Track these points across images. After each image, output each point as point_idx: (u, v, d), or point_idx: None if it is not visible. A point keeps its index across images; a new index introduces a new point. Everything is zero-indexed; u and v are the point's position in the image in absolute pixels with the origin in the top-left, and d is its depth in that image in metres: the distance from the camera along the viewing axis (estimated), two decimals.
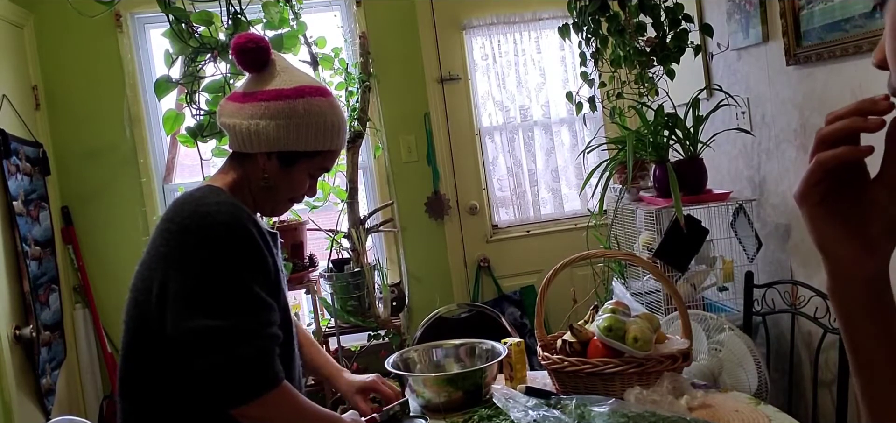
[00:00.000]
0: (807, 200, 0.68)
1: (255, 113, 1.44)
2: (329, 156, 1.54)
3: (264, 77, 1.48)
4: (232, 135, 1.48)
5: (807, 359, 2.61)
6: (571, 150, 3.81)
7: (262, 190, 1.51)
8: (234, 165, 1.52)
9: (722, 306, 2.74)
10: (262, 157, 1.47)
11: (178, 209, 1.42)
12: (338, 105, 1.52)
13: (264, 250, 1.42)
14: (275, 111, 1.44)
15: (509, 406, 1.66)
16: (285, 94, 1.44)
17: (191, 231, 1.37)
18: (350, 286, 3.17)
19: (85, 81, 3.40)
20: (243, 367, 1.36)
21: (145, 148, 3.46)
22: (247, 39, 1.47)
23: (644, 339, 1.71)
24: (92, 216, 3.40)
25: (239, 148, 1.49)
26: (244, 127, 1.45)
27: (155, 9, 2.52)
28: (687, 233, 2.49)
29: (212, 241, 1.36)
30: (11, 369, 2.73)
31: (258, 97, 1.45)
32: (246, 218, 1.41)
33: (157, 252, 1.41)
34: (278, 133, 1.44)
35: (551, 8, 3.67)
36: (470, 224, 3.76)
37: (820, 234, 0.69)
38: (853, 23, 2.17)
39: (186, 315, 1.35)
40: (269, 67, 1.49)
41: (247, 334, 1.36)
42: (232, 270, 1.37)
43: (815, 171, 0.67)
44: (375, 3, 3.61)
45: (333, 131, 1.49)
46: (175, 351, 1.37)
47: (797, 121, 2.52)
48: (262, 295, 1.40)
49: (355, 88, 3.31)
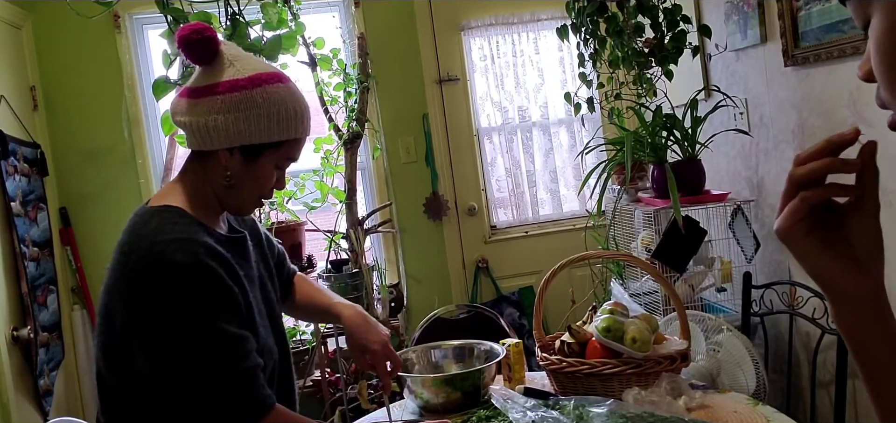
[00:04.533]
0: (793, 236, 0.71)
1: (211, 108, 1.35)
2: (294, 145, 1.43)
3: (215, 69, 1.38)
4: (188, 134, 1.39)
5: (805, 360, 2.62)
6: (570, 151, 3.82)
7: (226, 189, 1.41)
8: (195, 166, 1.43)
9: (720, 306, 2.74)
10: (224, 153, 1.38)
11: (133, 244, 1.32)
12: (297, 90, 1.43)
13: (228, 281, 1.34)
14: (231, 103, 1.35)
15: (508, 407, 1.66)
16: (240, 84, 1.36)
17: (146, 275, 1.28)
18: (349, 287, 3.16)
19: (83, 81, 3.40)
20: (225, 400, 1.31)
21: (144, 149, 3.46)
22: (191, 30, 1.37)
23: (642, 340, 1.72)
24: (90, 217, 3.40)
25: (198, 146, 1.40)
26: (201, 124, 1.36)
27: (153, 9, 2.52)
28: (685, 234, 2.49)
29: (169, 287, 1.28)
30: (9, 370, 2.73)
31: (213, 91, 1.36)
32: (204, 252, 1.31)
33: (115, 284, 1.33)
34: (238, 126, 1.35)
35: (550, 9, 3.67)
36: (468, 225, 3.76)
37: (811, 263, 0.72)
38: (851, 24, 2.17)
39: (154, 360, 1.30)
40: (219, 58, 1.39)
41: (220, 369, 1.31)
42: (194, 312, 1.29)
43: (800, 207, 0.70)
44: (374, 4, 3.61)
45: (296, 118, 1.40)
46: (151, 387, 1.33)
47: (795, 122, 2.52)
48: (230, 329, 1.32)
49: (354, 89, 3.30)
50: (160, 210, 1.38)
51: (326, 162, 3.27)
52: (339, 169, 3.29)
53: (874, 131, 2.32)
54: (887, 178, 2.16)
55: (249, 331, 1.38)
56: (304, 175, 3.27)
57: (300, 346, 3.42)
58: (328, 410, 3.24)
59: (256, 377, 1.35)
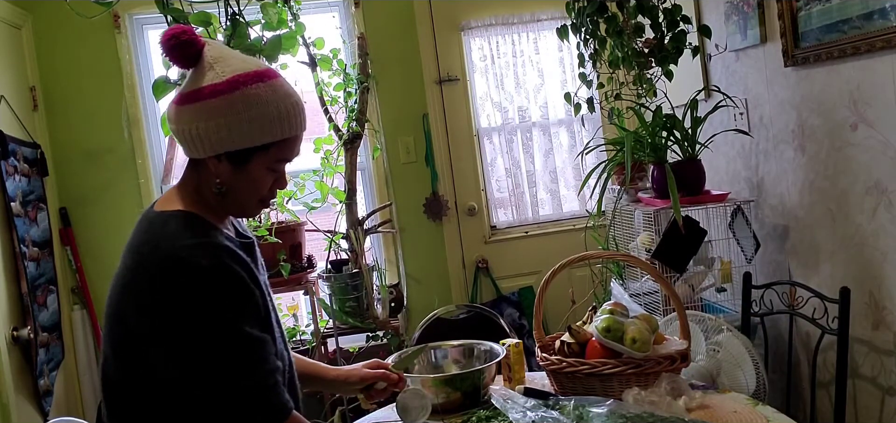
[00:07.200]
0: None
1: (194, 115, 1.31)
2: (285, 145, 1.37)
3: (198, 73, 1.34)
4: (180, 141, 1.36)
5: (805, 360, 2.62)
6: (570, 151, 3.82)
7: (218, 196, 1.38)
8: (192, 172, 1.41)
9: (720, 306, 2.74)
10: (212, 161, 1.34)
11: (152, 247, 1.30)
12: (283, 87, 1.36)
13: (251, 285, 1.33)
14: (212, 110, 1.30)
15: (508, 407, 1.66)
16: (220, 89, 1.30)
17: (169, 278, 1.27)
18: (348, 287, 3.16)
19: (83, 81, 3.40)
20: (247, 403, 1.30)
21: (144, 149, 3.46)
22: (170, 35, 1.33)
23: (642, 340, 1.72)
24: (90, 217, 3.40)
25: (188, 154, 1.38)
26: (186, 132, 1.33)
27: (153, 10, 2.51)
28: (685, 234, 2.49)
29: (193, 290, 1.26)
30: (9, 370, 2.73)
31: (195, 97, 1.32)
32: (227, 256, 1.30)
33: (131, 286, 1.31)
34: (220, 133, 1.30)
35: (549, 9, 3.67)
36: (468, 225, 3.76)
37: None
38: (851, 24, 2.17)
39: (176, 364, 1.29)
40: (202, 61, 1.34)
41: (243, 373, 1.30)
42: (218, 315, 1.28)
43: None
44: (374, 4, 3.61)
45: (282, 118, 1.33)
46: (170, 390, 1.32)
47: (795, 122, 2.52)
48: (253, 333, 1.32)
49: (354, 89, 3.30)
50: (175, 214, 1.35)
51: (326, 162, 3.27)
52: (339, 169, 3.29)
53: (874, 131, 2.32)
54: (887, 178, 2.17)
55: (268, 335, 1.38)
56: (304, 175, 3.27)
57: (300, 346, 3.42)
58: (328, 410, 3.24)
59: (277, 381, 1.35)
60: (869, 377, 2.33)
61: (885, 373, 2.27)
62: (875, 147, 2.16)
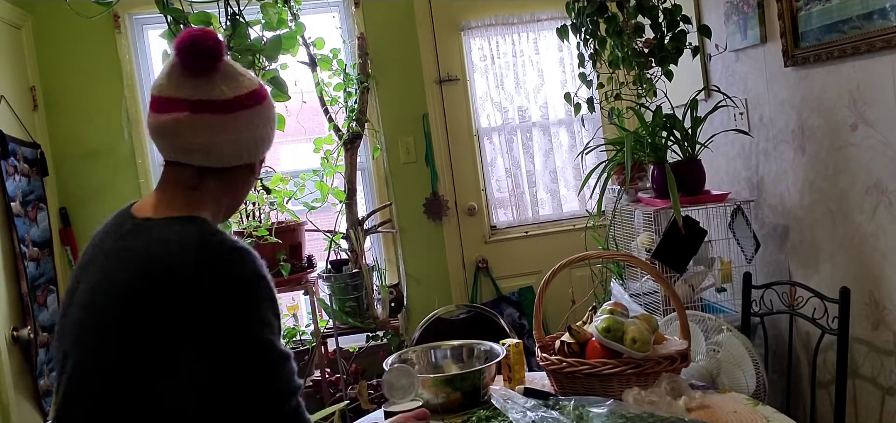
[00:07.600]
0: None
1: (251, 121, 1.31)
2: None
3: (212, 79, 1.30)
4: (217, 152, 1.29)
5: (805, 360, 2.62)
6: (570, 151, 3.82)
7: (219, 202, 1.35)
8: (191, 179, 1.32)
9: (720, 307, 2.74)
10: (246, 168, 1.35)
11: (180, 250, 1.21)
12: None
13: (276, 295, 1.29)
14: (262, 116, 1.33)
15: (507, 407, 1.67)
16: (259, 94, 1.34)
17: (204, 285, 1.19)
18: (348, 287, 3.16)
19: (83, 81, 3.40)
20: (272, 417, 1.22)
21: (144, 149, 3.46)
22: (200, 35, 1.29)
23: (642, 340, 1.72)
24: (90, 218, 3.40)
25: (227, 162, 1.31)
26: (241, 140, 1.30)
27: (153, 10, 2.51)
28: (685, 234, 2.49)
29: (247, 295, 1.21)
30: (9, 370, 2.73)
31: (241, 103, 1.29)
32: (261, 263, 1.25)
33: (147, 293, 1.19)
34: (267, 137, 1.36)
35: (549, 9, 3.67)
36: (468, 225, 3.76)
37: None
38: (851, 24, 2.17)
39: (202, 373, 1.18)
40: (220, 69, 1.31)
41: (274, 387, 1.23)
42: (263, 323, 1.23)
43: None
44: (374, 4, 3.61)
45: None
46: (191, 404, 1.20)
47: (795, 122, 2.52)
48: (284, 349, 1.26)
49: (354, 89, 3.31)
50: (193, 219, 1.28)
51: (326, 162, 3.27)
52: (339, 169, 3.29)
53: (874, 131, 2.32)
54: (887, 177, 2.17)
55: None
56: (304, 175, 3.27)
57: (300, 346, 3.42)
58: None
59: (300, 400, 1.28)
60: (869, 377, 2.33)
61: (885, 373, 2.27)
62: (875, 147, 2.16)
